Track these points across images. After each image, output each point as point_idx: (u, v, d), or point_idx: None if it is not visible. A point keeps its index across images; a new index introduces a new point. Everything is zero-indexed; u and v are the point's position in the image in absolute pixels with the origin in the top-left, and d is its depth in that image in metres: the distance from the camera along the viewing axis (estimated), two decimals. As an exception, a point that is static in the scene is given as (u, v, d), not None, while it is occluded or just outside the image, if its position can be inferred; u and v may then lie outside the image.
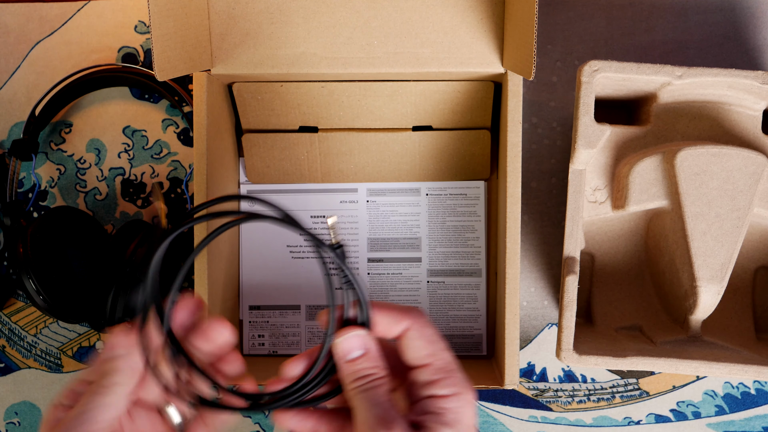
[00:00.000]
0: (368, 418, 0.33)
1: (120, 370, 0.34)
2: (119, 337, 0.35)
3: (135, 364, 0.35)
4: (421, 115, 0.56)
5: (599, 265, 0.58)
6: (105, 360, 0.35)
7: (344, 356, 0.35)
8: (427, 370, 0.35)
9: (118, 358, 0.34)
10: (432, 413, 0.34)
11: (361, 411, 0.33)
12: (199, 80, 0.51)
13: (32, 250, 0.54)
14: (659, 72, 0.50)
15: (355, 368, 0.35)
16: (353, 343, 0.35)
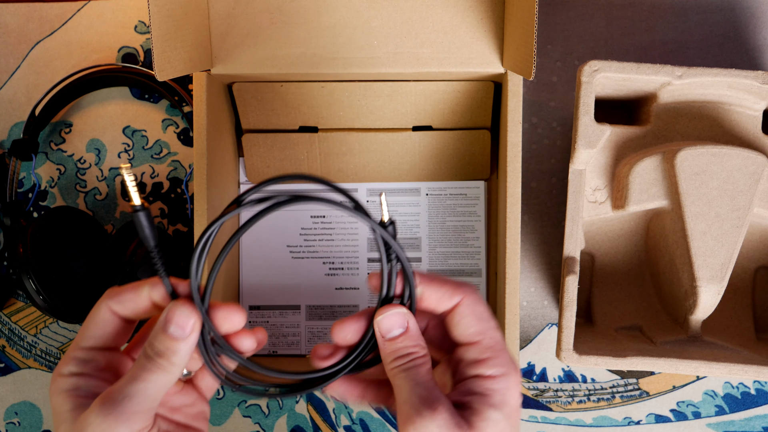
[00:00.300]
0: (410, 398, 0.32)
1: (183, 353, 0.33)
2: (186, 317, 0.33)
3: (192, 347, 0.34)
4: (421, 115, 0.56)
5: (599, 265, 0.58)
6: (170, 336, 0.33)
7: (385, 334, 0.34)
8: (476, 348, 0.34)
9: (183, 341, 0.33)
10: (479, 394, 0.33)
11: (403, 390, 0.33)
12: (199, 80, 0.51)
13: (32, 250, 0.54)
14: (659, 72, 0.50)
15: (396, 346, 0.34)
16: (394, 321, 0.34)
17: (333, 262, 0.59)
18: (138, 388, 0.32)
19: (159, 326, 0.33)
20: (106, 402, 0.32)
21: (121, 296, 0.35)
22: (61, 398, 0.33)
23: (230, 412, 0.60)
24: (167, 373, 0.33)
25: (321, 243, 0.59)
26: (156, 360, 0.33)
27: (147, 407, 0.33)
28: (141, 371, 0.33)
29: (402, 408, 0.32)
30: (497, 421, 0.32)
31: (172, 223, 0.61)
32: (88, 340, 0.35)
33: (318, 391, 0.51)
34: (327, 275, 0.59)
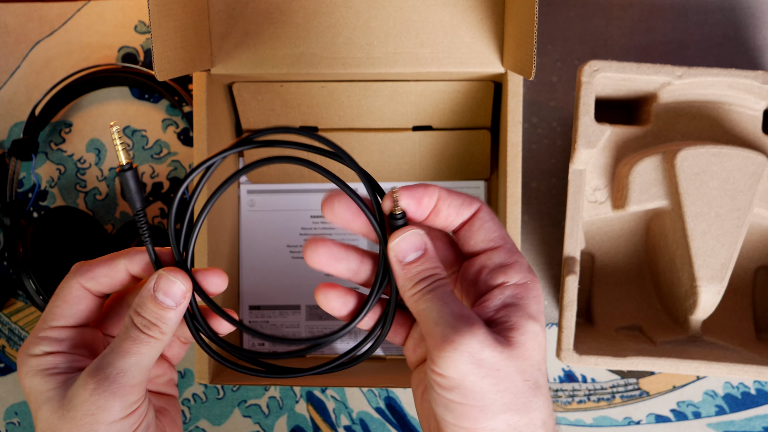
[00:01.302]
0: (443, 316, 0.29)
1: (173, 322, 0.32)
2: (178, 285, 0.32)
3: (181, 316, 0.33)
4: (421, 115, 0.56)
5: (599, 265, 0.58)
6: (161, 305, 0.32)
7: (403, 258, 0.31)
8: (500, 253, 0.32)
9: (174, 310, 0.32)
10: (513, 305, 0.30)
11: (432, 312, 0.30)
12: (199, 80, 0.51)
13: (32, 250, 0.54)
14: (659, 72, 0.50)
15: (417, 270, 0.31)
16: (412, 242, 0.31)
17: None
18: (131, 361, 0.32)
19: (146, 296, 0.32)
20: (97, 377, 0.31)
21: (93, 271, 0.34)
22: (39, 378, 0.32)
23: (230, 412, 0.60)
24: (159, 343, 0.32)
25: (321, 243, 0.58)
26: (146, 331, 0.32)
27: (141, 380, 0.32)
28: (132, 344, 0.32)
29: (434, 331, 0.29)
30: (536, 333, 0.30)
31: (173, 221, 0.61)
32: (60, 318, 0.34)
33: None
34: (327, 275, 0.59)
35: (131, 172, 0.33)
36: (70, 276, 0.34)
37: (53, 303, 0.34)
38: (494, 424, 0.29)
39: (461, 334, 0.28)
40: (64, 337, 0.34)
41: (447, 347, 0.28)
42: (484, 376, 0.28)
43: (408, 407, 0.60)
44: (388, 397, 0.60)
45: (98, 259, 0.34)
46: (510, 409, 0.29)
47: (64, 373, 0.33)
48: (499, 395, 0.28)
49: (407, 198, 0.32)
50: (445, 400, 0.29)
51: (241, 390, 0.60)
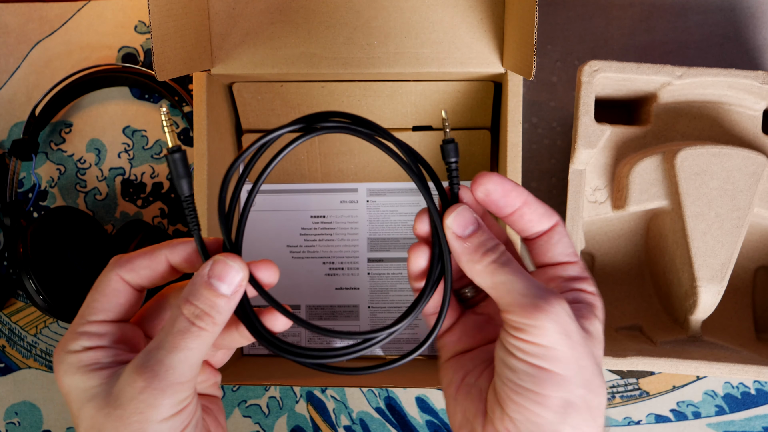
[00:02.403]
0: (530, 287, 0.30)
1: (227, 313, 0.31)
2: (235, 272, 0.31)
3: (234, 306, 0.31)
4: (421, 115, 0.56)
5: (599, 265, 0.58)
6: (217, 293, 0.31)
7: (461, 232, 0.32)
8: (575, 267, 0.33)
9: (229, 298, 0.31)
10: (586, 303, 0.32)
11: (516, 283, 0.30)
12: (199, 80, 0.51)
13: (32, 250, 0.54)
14: (659, 72, 0.50)
15: (479, 240, 0.31)
16: (467, 217, 0.32)
17: (333, 262, 0.59)
18: (179, 357, 0.30)
19: (200, 282, 0.31)
20: (145, 374, 0.30)
21: (133, 263, 0.32)
22: (80, 375, 0.31)
23: (230, 412, 0.60)
24: (209, 336, 0.31)
25: (321, 243, 0.59)
26: (197, 323, 0.30)
27: (191, 376, 0.31)
28: (181, 338, 0.30)
29: (522, 301, 0.29)
30: (599, 332, 0.32)
31: (172, 223, 0.61)
32: (99, 313, 0.32)
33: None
34: (327, 275, 0.59)
35: (180, 154, 0.31)
36: (108, 268, 0.33)
37: (91, 297, 0.32)
38: (571, 396, 0.29)
39: (553, 303, 0.29)
40: (104, 332, 0.32)
41: (540, 315, 0.29)
42: (572, 347, 0.29)
43: (408, 407, 0.60)
44: (388, 397, 0.60)
45: (138, 251, 0.33)
46: (585, 387, 0.29)
47: (108, 368, 0.31)
48: (580, 370, 0.29)
49: (495, 184, 0.32)
50: (528, 366, 0.29)
51: (241, 390, 0.60)
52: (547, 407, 0.29)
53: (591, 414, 0.30)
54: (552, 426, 0.29)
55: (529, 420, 0.29)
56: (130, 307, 0.33)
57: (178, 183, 0.32)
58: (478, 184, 0.32)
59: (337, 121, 0.33)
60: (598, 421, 0.30)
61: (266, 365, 0.56)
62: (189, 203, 0.32)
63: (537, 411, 0.29)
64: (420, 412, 0.60)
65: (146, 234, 0.56)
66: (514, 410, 0.30)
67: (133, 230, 0.57)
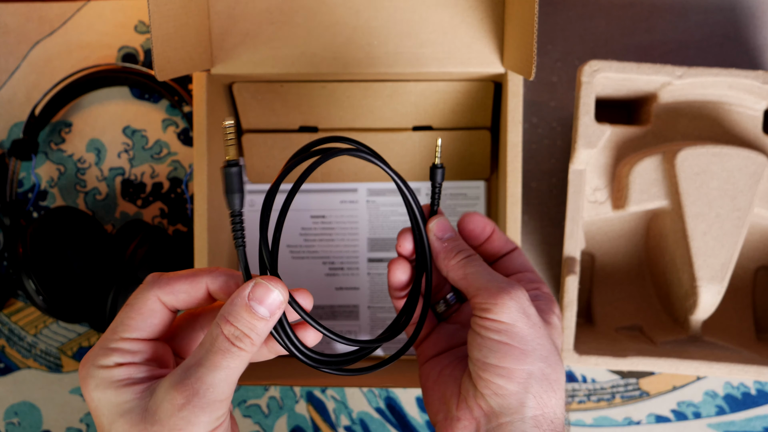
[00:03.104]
0: (494, 276, 0.35)
1: (264, 334, 0.32)
2: (275, 296, 0.32)
3: (269, 329, 0.32)
4: (421, 115, 0.56)
5: (599, 265, 0.58)
6: (256, 316, 0.31)
7: (441, 235, 0.37)
8: (534, 275, 0.38)
9: (268, 321, 0.32)
10: (546, 299, 0.37)
11: (483, 274, 0.35)
12: (199, 80, 0.51)
13: (32, 250, 0.54)
14: (659, 72, 0.50)
15: (454, 243, 0.37)
16: (445, 225, 0.38)
17: (333, 262, 0.59)
18: (220, 376, 0.31)
19: (240, 304, 0.31)
20: (185, 392, 0.30)
21: (173, 286, 0.33)
22: (112, 390, 0.31)
23: (230, 412, 0.60)
24: (247, 356, 0.31)
25: (321, 243, 0.59)
26: (237, 343, 0.31)
27: (228, 394, 0.31)
28: (221, 358, 0.31)
29: (488, 285, 0.34)
30: (557, 324, 0.37)
31: (172, 223, 0.61)
32: (134, 331, 0.32)
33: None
34: (327, 275, 0.59)
35: (237, 168, 0.32)
36: (146, 288, 0.33)
37: (126, 314, 0.33)
38: (532, 368, 0.33)
39: (514, 288, 0.34)
40: (137, 349, 0.32)
41: (504, 296, 0.33)
42: (530, 326, 0.33)
43: (408, 407, 0.60)
44: (388, 397, 0.60)
45: (178, 274, 0.33)
46: (544, 361, 0.33)
47: (140, 384, 0.32)
48: (538, 346, 0.33)
49: (475, 220, 0.39)
50: (492, 342, 0.33)
51: (240, 390, 0.60)
52: (510, 379, 0.33)
53: (551, 385, 0.33)
54: (517, 396, 0.33)
55: (496, 393, 0.33)
56: (163, 327, 0.34)
57: (230, 197, 0.32)
58: (465, 223, 0.39)
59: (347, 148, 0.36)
60: (559, 394, 0.34)
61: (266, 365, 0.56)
62: (238, 219, 0.32)
63: (502, 384, 0.33)
64: (420, 412, 0.60)
65: (146, 234, 0.56)
66: (483, 386, 0.33)
67: (133, 230, 0.57)
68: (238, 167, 0.32)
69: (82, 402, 0.61)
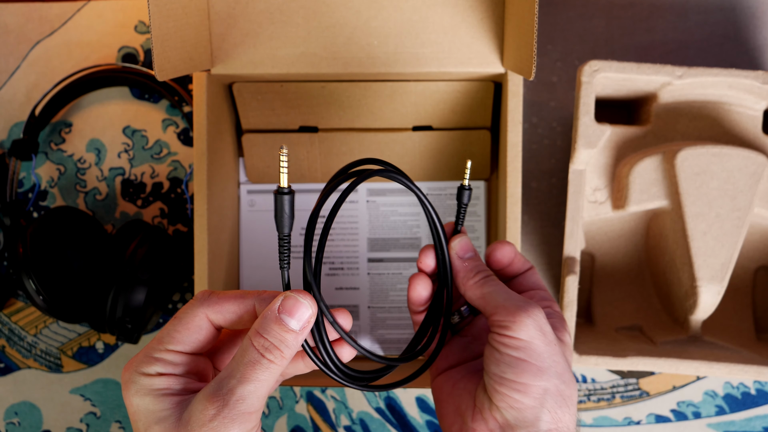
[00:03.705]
0: (512, 295, 0.36)
1: (295, 347, 0.33)
2: (305, 308, 0.33)
3: (301, 342, 0.34)
4: (421, 115, 0.56)
5: (599, 265, 0.58)
6: (286, 329, 0.33)
7: (463, 255, 0.38)
8: (546, 293, 0.39)
9: (298, 334, 0.33)
10: (558, 318, 0.38)
11: (500, 293, 0.36)
12: (199, 80, 0.51)
13: (32, 250, 0.54)
14: (659, 72, 0.50)
15: (474, 263, 0.38)
16: (466, 244, 0.39)
17: (333, 262, 0.59)
18: (250, 388, 0.32)
19: (271, 317, 0.33)
20: (217, 403, 0.31)
21: (222, 305, 0.34)
22: (151, 398, 0.32)
23: (230, 412, 0.60)
24: (278, 369, 0.32)
25: (321, 243, 0.58)
26: (267, 355, 0.32)
27: (259, 407, 0.32)
28: (252, 370, 0.32)
29: (506, 304, 0.35)
30: (569, 342, 0.38)
31: (172, 223, 0.61)
32: (179, 344, 0.34)
33: None
34: (327, 275, 0.59)
35: (289, 196, 0.34)
36: (196, 304, 0.34)
37: (174, 327, 0.34)
38: (548, 384, 0.34)
39: (532, 306, 0.35)
40: (179, 362, 0.34)
41: (522, 314, 0.34)
42: (547, 343, 0.34)
43: (408, 407, 0.60)
44: (388, 397, 0.60)
45: (228, 294, 0.35)
46: (559, 378, 0.34)
47: (178, 395, 0.33)
48: (554, 363, 0.34)
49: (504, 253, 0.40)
50: (510, 358, 0.34)
51: (241, 390, 0.60)
52: (526, 394, 0.33)
53: (564, 401, 0.34)
54: (533, 411, 0.33)
55: (512, 407, 0.34)
56: (207, 343, 0.35)
57: (281, 221, 0.34)
58: (494, 252, 0.40)
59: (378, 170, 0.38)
60: (572, 410, 0.35)
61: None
62: (286, 242, 0.34)
63: (518, 398, 0.33)
64: (420, 412, 0.60)
65: (146, 234, 0.56)
66: (499, 399, 0.34)
67: (133, 230, 0.57)
68: (291, 194, 0.34)
69: (83, 402, 0.61)
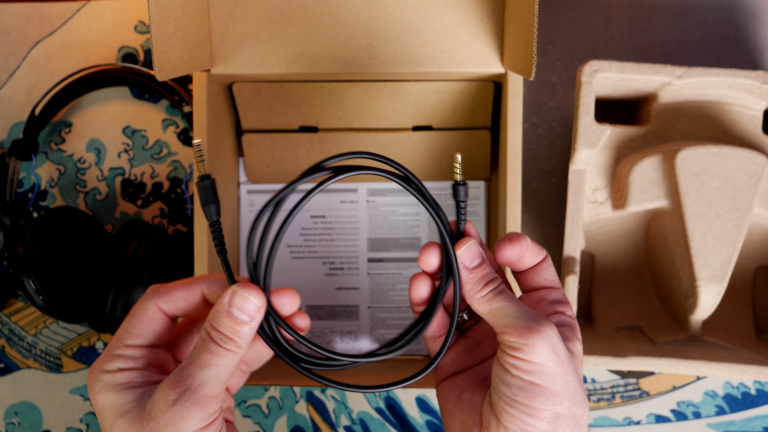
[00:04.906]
0: (523, 312, 0.34)
1: (248, 336, 0.34)
2: (251, 302, 0.34)
3: (255, 330, 0.34)
4: (421, 115, 0.56)
5: (599, 265, 0.58)
6: (235, 320, 0.34)
7: (469, 264, 0.36)
8: (559, 292, 0.37)
9: (248, 324, 0.34)
10: (569, 326, 0.36)
11: (510, 308, 0.34)
12: (199, 80, 0.51)
13: (32, 250, 0.54)
14: (659, 72, 0.50)
15: (482, 273, 0.36)
16: (474, 251, 0.36)
17: (333, 262, 0.59)
18: (210, 373, 0.33)
19: (221, 310, 0.34)
20: (178, 388, 0.32)
21: (171, 294, 0.36)
22: (114, 393, 0.34)
23: (230, 412, 0.60)
24: (235, 356, 0.34)
25: (321, 243, 0.59)
26: (223, 345, 0.33)
27: (219, 391, 0.33)
28: (210, 356, 0.33)
29: (516, 323, 0.33)
30: (580, 352, 0.36)
31: (172, 223, 0.61)
32: (136, 338, 0.35)
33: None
34: (327, 275, 0.59)
35: (209, 182, 0.35)
36: (147, 297, 0.36)
37: (129, 323, 0.35)
38: (560, 408, 0.32)
39: (544, 326, 0.33)
40: (138, 356, 0.35)
41: (533, 335, 0.32)
42: (560, 364, 0.33)
43: (408, 407, 0.60)
44: (388, 397, 0.60)
45: (176, 283, 0.36)
46: (572, 399, 0.33)
47: (140, 387, 0.34)
48: (567, 385, 0.33)
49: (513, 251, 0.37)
50: (523, 382, 0.32)
51: (241, 390, 0.60)
52: (539, 419, 0.32)
53: (577, 423, 0.33)
54: None
55: (522, 429, 0.32)
56: (164, 334, 0.36)
57: (207, 208, 0.35)
58: (502, 252, 0.37)
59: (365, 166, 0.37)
60: (583, 429, 0.34)
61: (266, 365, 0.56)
62: (216, 228, 0.35)
63: (530, 422, 0.32)
64: (420, 412, 0.60)
65: (146, 234, 0.56)
66: (509, 421, 0.33)
67: (133, 230, 0.57)
68: (211, 180, 0.35)
69: (83, 402, 0.61)
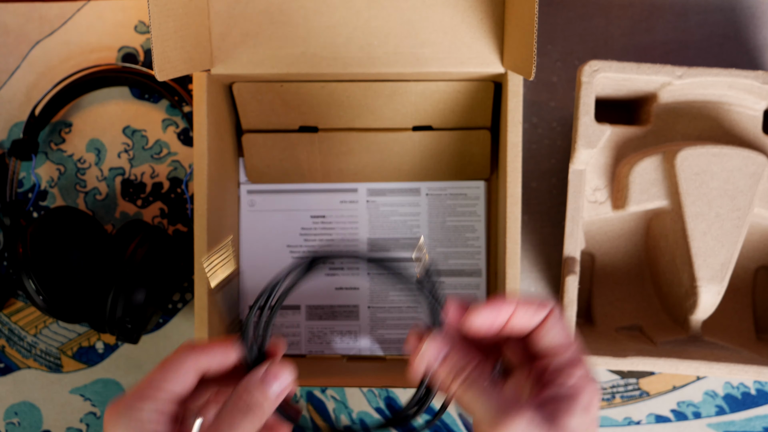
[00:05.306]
0: (488, 408, 0.33)
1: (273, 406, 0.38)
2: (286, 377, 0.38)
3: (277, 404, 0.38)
4: (421, 115, 0.56)
5: (599, 265, 0.58)
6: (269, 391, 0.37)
7: (435, 362, 0.36)
8: (567, 354, 0.36)
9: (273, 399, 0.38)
10: (566, 397, 0.34)
11: (478, 402, 0.34)
12: (199, 80, 0.51)
13: (32, 250, 0.54)
14: (659, 72, 0.50)
15: (447, 369, 0.36)
16: (435, 347, 0.36)
17: (333, 262, 0.59)
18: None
19: (256, 381, 0.37)
20: None
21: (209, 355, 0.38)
22: None
23: (230, 412, 0.60)
24: (259, 422, 0.37)
25: (321, 243, 0.59)
26: (252, 410, 0.37)
27: None
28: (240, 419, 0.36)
29: (486, 417, 0.33)
30: (579, 423, 0.34)
31: (172, 223, 0.61)
32: (169, 385, 0.37)
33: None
34: (327, 275, 0.59)
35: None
36: (185, 352, 0.38)
37: (166, 373, 0.37)
38: None
39: (510, 418, 0.32)
40: (168, 406, 0.37)
41: (503, 430, 0.32)
42: None
43: (408, 407, 0.60)
44: (388, 397, 0.60)
45: (214, 345, 0.39)
46: None
47: None
48: None
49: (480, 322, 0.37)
50: None
51: (241, 390, 0.60)
52: None
53: None
54: None
55: None
56: (191, 388, 0.38)
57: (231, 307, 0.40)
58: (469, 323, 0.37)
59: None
60: None
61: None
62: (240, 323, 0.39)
63: None
64: (420, 412, 0.60)
65: (146, 234, 0.56)
66: None
67: (133, 230, 0.57)
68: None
69: (83, 402, 0.61)
